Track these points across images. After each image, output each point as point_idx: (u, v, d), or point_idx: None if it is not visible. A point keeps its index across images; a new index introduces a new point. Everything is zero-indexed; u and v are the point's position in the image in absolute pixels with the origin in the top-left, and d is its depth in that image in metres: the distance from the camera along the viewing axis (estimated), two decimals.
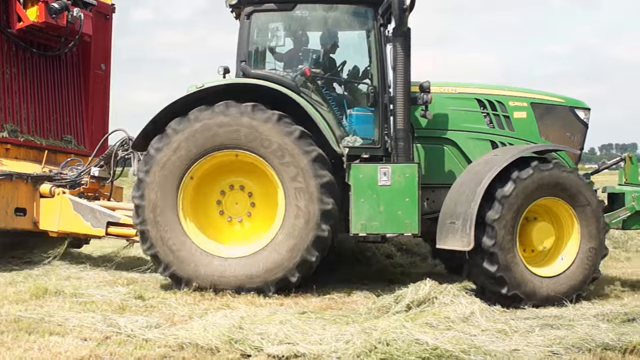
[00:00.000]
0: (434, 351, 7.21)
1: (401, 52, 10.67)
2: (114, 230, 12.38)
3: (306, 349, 7.34)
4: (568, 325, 8.54)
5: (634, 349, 7.66)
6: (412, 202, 10.49)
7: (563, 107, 11.82)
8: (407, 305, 9.11)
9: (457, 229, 10.05)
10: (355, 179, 10.57)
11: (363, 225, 10.51)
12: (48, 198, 12.60)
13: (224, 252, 10.68)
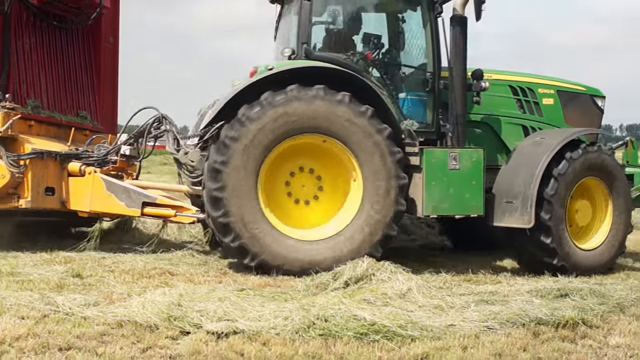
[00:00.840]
0: (371, 327, 7.30)
1: (460, 40, 11.33)
2: (150, 211, 11.95)
3: (245, 325, 7.37)
4: (503, 301, 8.69)
5: (567, 323, 7.85)
6: (478, 185, 11.03)
7: (584, 95, 12.69)
8: (345, 282, 9.21)
9: (515, 207, 10.84)
10: (427, 163, 10.97)
11: (434, 207, 10.98)
12: (77, 177, 12.14)
13: (307, 235, 10.72)
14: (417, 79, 11.88)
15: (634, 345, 7.20)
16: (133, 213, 12.03)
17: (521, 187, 10.88)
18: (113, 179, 12.20)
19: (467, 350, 6.89)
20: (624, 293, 9.34)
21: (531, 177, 10.83)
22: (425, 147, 11.12)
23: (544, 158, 10.89)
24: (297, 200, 11.01)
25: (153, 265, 10.83)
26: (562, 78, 12.77)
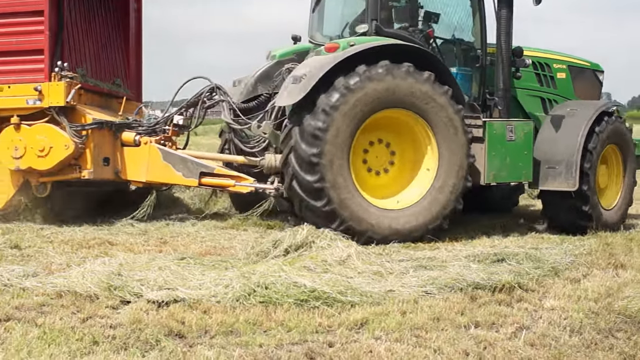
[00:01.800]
0: (311, 293, 7.37)
1: (506, 19, 12.18)
2: (207, 181, 12.08)
3: (185, 294, 7.39)
4: (441, 266, 8.82)
5: (503, 287, 7.99)
6: (529, 154, 12.02)
7: (589, 70, 13.93)
8: (285, 249, 9.24)
9: (559, 172, 11.93)
10: (490, 134, 11.77)
11: (494, 176, 11.83)
12: (132, 147, 12.17)
13: (384, 204, 11.10)
14: (468, 55, 12.58)
15: (568, 307, 7.35)
16: (190, 183, 12.17)
17: (564, 155, 11.95)
18: (169, 149, 12.30)
19: (406, 315, 6.98)
20: (559, 257, 9.54)
21: (573, 147, 11.95)
22: (488, 119, 11.93)
23: (583, 129, 12.04)
24: (370, 169, 11.41)
25: (92, 235, 10.77)
26: (571, 54, 13.87)
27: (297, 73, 10.97)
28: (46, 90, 11.71)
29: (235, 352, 5.88)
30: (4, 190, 11.93)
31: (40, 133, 11.67)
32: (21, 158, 11.65)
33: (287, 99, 10.90)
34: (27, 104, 11.75)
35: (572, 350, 6.17)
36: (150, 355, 5.78)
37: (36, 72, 11.85)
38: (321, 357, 5.90)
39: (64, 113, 11.76)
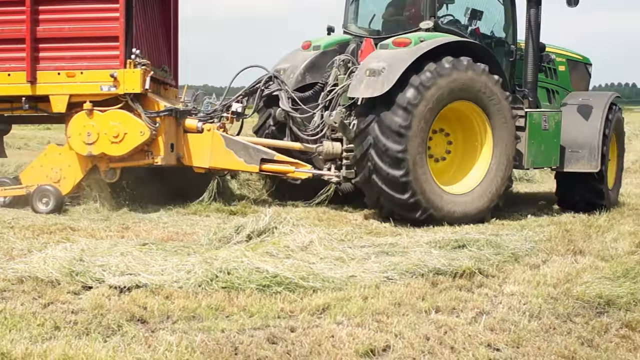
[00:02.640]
0: (274, 279, 7.40)
1: (535, 18, 13.05)
2: (268, 167, 12.44)
3: (148, 279, 7.39)
4: (402, 252, 8.86)
5: (464, 273, 8.07)
6: (558, 141, 12.95)
7: (581, 63, 14.91)
8: (248, 235, 9.24)
9: (582, 156, 12.96)
10: (530, 124, 12.64)
11: (532, 161, 12.79)
12: (194, 134, 12.36)
13: (455, 189, 11.90)
14: (502, 50, 13.21)
15: (528, 292, 7.44)
16: (251, 169, 12.53)
17: (586, 139, 12.97)
18: (231, 136, 12.59)
19: (368, 300, 7.03)
20: (519, 243, 9.62)
21: (594, 133, 12.99)
22: (529, 110, 12.78)
23: (601, 117, 13.12)
24: (431, 156, 12.05)
25: (54, 221, 10.70)
26: (568, 48, 14.78)
27: (373, 66, 11.37)
28: (121, 77, 11.76)
29: (198, 337, 5.90)
30: (72, 175, 12.05)
31: (114, 119, 11.77)
32: (94, 144, 11.73)
33: (366, 91, 11.35)
34: (101, 90, 11.84)
35: (531, 335, 6.26)
36: (112, 341, 5.78)
37: (110, 58, 11.90)
38: (283, 342, 5.94)
39: (138, 100, 11.89)
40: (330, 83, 12.94)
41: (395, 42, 11.66)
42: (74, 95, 11.86)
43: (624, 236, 10.30)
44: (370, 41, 12.81)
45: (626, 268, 8.26)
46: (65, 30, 11.97)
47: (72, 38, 11.97)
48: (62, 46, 11.97)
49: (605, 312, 6.98)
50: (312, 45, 13.54)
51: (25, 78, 11.88)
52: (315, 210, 12.12)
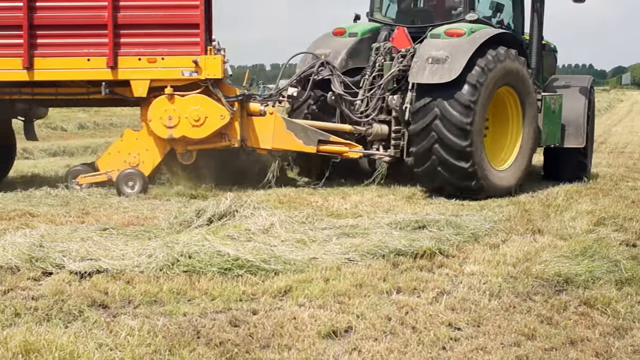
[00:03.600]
0: (235, 262, 7.41)
1: (540, 10, 14.20)
2: (324, 148, 13.10)
3: (108, 264, 7.37)
4: (363, 233, 8.91)
5: (424, 253, 8.13)
6: (560, 122, 14.12)
7: (552, 50, 15.92)
8: (209, 219, 9.22)
9: (570, 133, 14.18)
10: (545, 106, 13.74)
11: (544, 140, 13.86)
12: (257, 117, 12.88)
13: (496, 165, 12.98)
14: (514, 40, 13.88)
15: (488, 272, 7.51)
16: (309, 150, 13.09)
17: (573, 118, 14.15)
18: (290, 118, 13.30)
19: (329, 282, 7.06)
20: (479, 223, 9.70)
21: (580, 112, 14.21)
22: (544, 94, 13.88)
23: (585, 98, 14.35)
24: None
25: (12, 207, 10.62)
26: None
27: (435, 55, 12.43)
28: (203, 63, 12.34)
29: (160, 322, 5.90)
30: (150, 159, 12.56)
31: (195, 103, 12.38)
32: (175, 127, 12.31)
33: (432, 77, 12.35)
34: (183, 76, 12.38)
35: (491, 314, 6.32)
36: (74, 326, 5.76)
37: (191, 45, 12.44)
38: (245, 324, 5.95)
39: (217, 85, 12.49)
40: (375, 68, 13.62)
41: (448, 32, 12.77)
42: (154, 80, 12.36)
43: (581, 215, 10.40)
44: (403, 29, 13.64)
45: (584, 246, 8.35)
46: (146, 17, 12.43)
47: (153, 25, 12.45)
48: (143, 32, 12.42)
49: (564, 290, 7.07)
50: (348, 32, 14.21)
51: (106, 63, 12.26)
52: (275, 193, 12.13)
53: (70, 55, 12.25)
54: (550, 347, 5.66)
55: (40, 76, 12.25)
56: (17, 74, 12.18)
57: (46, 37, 12.22)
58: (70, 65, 12.24)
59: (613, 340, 5.85)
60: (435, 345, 5.64)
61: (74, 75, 12.38)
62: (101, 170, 12.48)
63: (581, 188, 13.26)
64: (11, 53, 12.18)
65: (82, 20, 12.30)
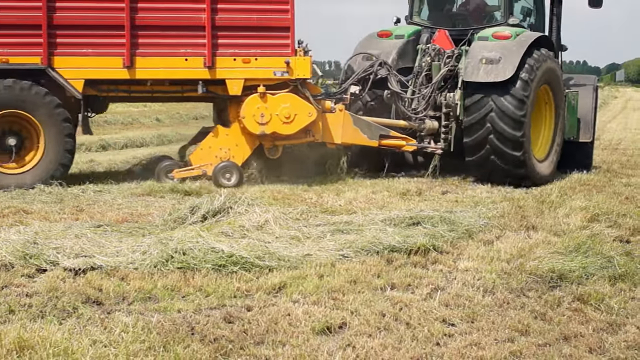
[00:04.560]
0: (229, 258, 7.41)
1: (558, 13, 15.66)
2: (385, 142, 14.05)
3: (103, 261, 7.37)
4: (357, 230, 8.91)
5: (418, 249, 8.15)
6: (575, 116, 15.34)
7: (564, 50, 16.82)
8: (203, 215, 9.23)
9: (580, 128, 15.39)
10: (568, 102, 14.99)
11: (566, 133, 15.01)
12: (328, 113, 13.52)
13: (538, 157, 14.27)
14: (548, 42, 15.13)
15: (481, 268, 7.53)
16: (372, 144, 13.96)
17: (583, 113, 15.37)
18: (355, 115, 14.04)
19: (324, 278, 7.08)
20: (473, 220, 9.71)
21: (589, 109, 15.47)
22: (567, 90, 15.10)
23: (593, 96, 15.67)
24: None
25: (7, 204, 10.60)
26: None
27: (488, 56, 13.63)
28: (294, 63, 13.09)
29: (154, 318, 5.90)
30: (240, 153, 13.22)
31: (285, 102, 13.06)
32: (267, 124, 12.96)
33: (487, 76, 13.51)
34: (274, 75, 13.13)
35: (485, 310, 6.34)
36: (68, 323, 5.76)
37: (282, 47, 13.18)
38: (239, 321, 5.96)
39: (304, 84, 13.34)
40: (423, 68, 14.64)
41: (496, 35, 13.96)
42: (248, 80, 13.04)
43: (575, 211, 10.42)
44: (444, 32, 14.78)
45: (578, 243, 8.37)
46: (242, 20, 13.11)
47: (248, 27, 13.14)
48: (238, 34, 13.10)
49: (557, 286, 7.09)
50: (394, 35, 15.11)
51: (204, 63, 12.89)
52: (270, 190, 12.14)
53: (169, 55, 12.89)
54: (544, 343, 5.68)
55: (140, 74, 12.84)
56: (117, 72, 12.72)
57: (147, 37, 12.79)
58: (168, 65, 12.89)
59: (606, 335, 5.87)
60: (429, 341, 5.65)
61: (172, 74, 13.02)
62: (194, 165, 13.10)
63: (575, 184, 13.30)
64: (112, 52, 12.69)
65: (181, 21, 12.94)
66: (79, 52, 12.59)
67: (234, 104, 13.27)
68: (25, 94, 12.31)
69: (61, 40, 12.49)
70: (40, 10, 12.33)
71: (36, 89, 12.33)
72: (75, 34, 12.57)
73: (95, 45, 12.66)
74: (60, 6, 12.49)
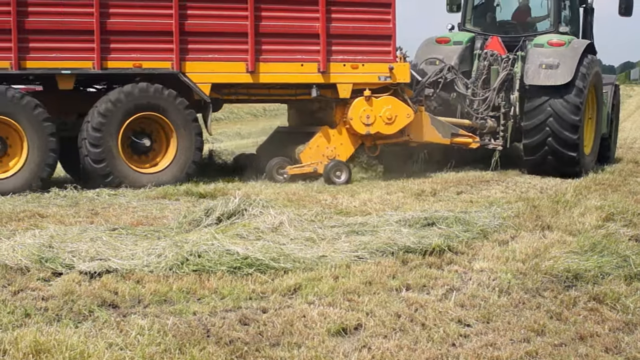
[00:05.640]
0: (244, 260, 7.41)
1: (591, 19, 17.30)
2: (456, 140, 15.49)
3: (118, 264, 7.37)
4: (372, 231, 8.90)
5: (433, 250, 8.14)
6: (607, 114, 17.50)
7: None
8: (218, 218, 9.22)
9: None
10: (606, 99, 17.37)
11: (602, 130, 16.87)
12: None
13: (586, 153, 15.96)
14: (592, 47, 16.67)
15: (497, 268, 7.51)
16: (445, 141, 15.37)
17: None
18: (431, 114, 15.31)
19: (339, 280, 7.07)
20: (487, 220, 9.68)
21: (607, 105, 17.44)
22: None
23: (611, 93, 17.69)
24: None
25: (22, 208, 10.65)
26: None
27: (547, 62, 15.11)
28: (395, 69, 14.45)
29: (169, 321, 5.90)
30: (344, 151, 14.43)
31: (386, 104, 14.37)
32: (372, 125, 14.27)
33: (548, 80, 14.99)
34: (379, 80, 14.46)
35: (500, 310, 6.32)
36: (84, 326, 5.77)
37: (386, 53, 14.54)
38: (255, 323, 5.96)
39: (402, 88, 14.69)
40: (482, 71, 16.16)
41: (551, 42, 15.45)
42: (356, 84, 14.34)
43: (590, 211, 10.39)
44: (497, 38, 16.42)
45: (593, 242, 8.34)
46: (351, 29, 14.34)
47: (356, 35, 14.36)
48: (348, 42, 14.33)
49: (573, 286, 7.07)
50: (453, 41, 16.64)
51: (318, 68, 14.09)
52: (284, 191, 12.15)
53: (287, 61, 14.00)
54: (560, 343, 5.66)
55: (262, 79, 13.89)
56: (241, 76, 13.75)
57: (268, 44, 13.85)
58: (286, 70, 14.00)
59: (622, 335, 5.85)
60: (444, 341, 5.64)
61: (289, 79, 14.15)
62: (303, 163, 14.09)
63: (590, 184, 13.29)
64: (237, 58, 13.68)
65: (299, 29, 14.07)
66: (207, 58, 13.51)
67: (339, 106, 14.46)
68: (158, 96, 13.03)
69: (191, 46, 13.40)
70: (172, 18, 13.17)
71: (168, 92, 13.11)
72: (204, 41, 13.49)
73: (222, 51, 13.61)
74: (192, 14, 13.38)
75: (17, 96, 12.27)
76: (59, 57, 12.66)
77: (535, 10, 17.58)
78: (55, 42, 12.66)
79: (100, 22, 12.78)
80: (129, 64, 13.06)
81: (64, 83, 12.83)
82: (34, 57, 12.55)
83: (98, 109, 12.68)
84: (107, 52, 12.88)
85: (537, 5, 17.47)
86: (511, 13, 17.82)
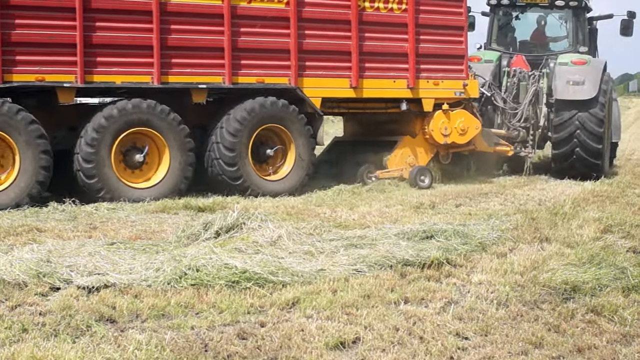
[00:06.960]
0: (243, 274, 7.40)
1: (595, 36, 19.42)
2: (497, 148, 17.25)
3: (116, 278, 7.36)
4: (371, 244, 8.89)
5: (432, 263, 8.13)
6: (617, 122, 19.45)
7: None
8: (216, 231, 9.20)
9: (612, 131, 18.86)
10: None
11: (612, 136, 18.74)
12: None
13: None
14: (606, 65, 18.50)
15: (495, 281, 7.51)
16: (490, 150, 17.10)
17: (615, 119, 18.96)
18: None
19: (337, 293, 7.06)
20: (486, 232, 9.69)
21: (618, 114, 19.75)
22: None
23: (617, 103, 19.80)
24: None
25: (20, 222, 10.63)
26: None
27: (573, 78, 16.95)
28: (468, 85, 16.20)
29: (167, 335, 5.89)
30: (422, 159, 16.12)
31: (460, 117, 16.09)
32: (449, 135, 15.96)
33: (575, 94, 16.84)
34: (455, 95, 16.16)
35: (499, 323, 6.32)
36: (82, 341, 5.76)
37: (460, 72, 16.25)
38: (253, 337, 5.95)
39: (471, 102, 16.44)
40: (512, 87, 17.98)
41: (574, 61, 17.30)
42: (437, 99, 15.94)
43: (588, 223, 10.40)
44: (522, 57, 18.33)
45: (591, 254, 8.35)
46: (433, 49, 15.91)
47: (436, 55, 15.93)
48: (431, 60, 15.87)
49: (571, 298, 7.07)
50: (484, 59, 18.43)
51: (407, 84, 15.60)
52: (283, 205, 12.16)
53: (383, 78, 15.47)
54: (558, 355, 5.66)
55: (363, 94, 15.27)
56: (345, 91, 15.14)
57: (368, 62, 15.22)
58: (382, 85, 15.45)
59: (620, 347, 5.85)
60: (443, 355, 5.64)
61: (384, 94, 15.59)
62: (390, 168, 15.62)
63: (588, 195, 13.29)
64: (342, 74, 15.03)
65: (392, 49, 15.51)
66: (318, 74, 14.81)
67: (419, 118, 16.03)
68: (284, 110, 14.22)
69: (307, 63, 14.64)
70: (290, 37, 14.39)
71: (292, 107, 14.34)
72: (316, 58, 14.76)
73: (330, 68, 14.93)
74: (309, 34, 14.64)
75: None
76: (193, 73, 13.69)
77: (549, 31, 19.58)
78: (190, 59, 13.70)
79: (232, 40, 13.92)
80: (253, 79, 14.20)
81: (197, 97, 13.82)
82: (173, 73, 13.50)
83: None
84: (237, 69, 13.99)
85: (551, 27, 19.45)
86: (529, 34, 19.69)
